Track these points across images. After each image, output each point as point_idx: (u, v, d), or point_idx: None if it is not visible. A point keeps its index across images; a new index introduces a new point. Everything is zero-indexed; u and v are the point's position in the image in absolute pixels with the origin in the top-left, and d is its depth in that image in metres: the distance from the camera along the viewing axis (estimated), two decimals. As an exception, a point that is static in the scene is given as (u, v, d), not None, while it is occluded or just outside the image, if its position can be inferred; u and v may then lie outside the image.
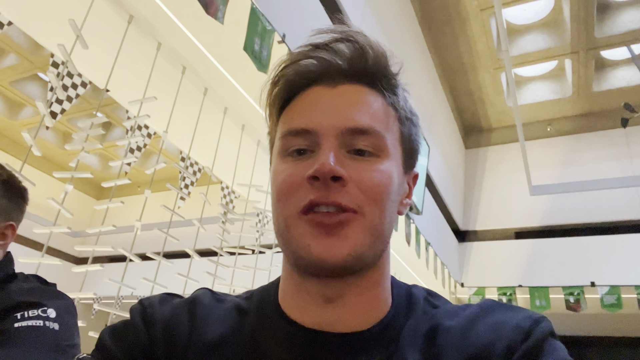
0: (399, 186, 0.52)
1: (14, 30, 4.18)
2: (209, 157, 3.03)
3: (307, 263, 0.47)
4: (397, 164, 0.52)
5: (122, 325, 0.55)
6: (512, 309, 0.51)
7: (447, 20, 4.90)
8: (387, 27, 3.85)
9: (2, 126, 5.92)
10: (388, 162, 0.50)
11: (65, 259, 6.56)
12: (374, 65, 0.53)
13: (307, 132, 0.50)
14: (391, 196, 0.50)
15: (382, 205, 0.49)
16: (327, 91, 0.52)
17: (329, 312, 0.50)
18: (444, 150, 5.49)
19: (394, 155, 0.52)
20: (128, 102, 2.52)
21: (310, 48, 0.53)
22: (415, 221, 4.17)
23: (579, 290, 4.89)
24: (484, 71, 5.52)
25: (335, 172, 0.46)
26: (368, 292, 0.51)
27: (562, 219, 5.50)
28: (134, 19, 2.31)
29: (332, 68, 0.52)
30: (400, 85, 0.57)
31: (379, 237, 0.49)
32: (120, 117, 5.47)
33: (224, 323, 0.54)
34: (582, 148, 5.83)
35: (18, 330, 0.77)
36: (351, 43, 0.53)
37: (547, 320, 0.49)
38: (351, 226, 0.47)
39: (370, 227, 0.48)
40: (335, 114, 0.50)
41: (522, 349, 0.46)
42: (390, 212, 0.50)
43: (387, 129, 0.52)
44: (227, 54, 2.54)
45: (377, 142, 0.50)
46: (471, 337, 0.48)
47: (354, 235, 0.47)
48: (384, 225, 0.49)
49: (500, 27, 3.34)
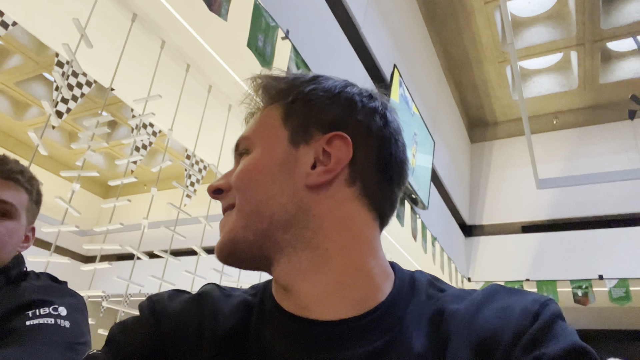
0: (278, 164, 0.54)
1: (19, 30, 4.20)
2: (214, 154, 3.03)
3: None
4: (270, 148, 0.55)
5: (132, 320, 0.55)
6: (518, 293, 0.51)
7: (452, 13, 4.87)
8: (391, 21, 3.83)
9: (9, 126, 5.96)
10: (253, 153, 0.56)
11: (73, 257, 6.60)
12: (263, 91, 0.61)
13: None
14: (255, 177, 0.53)
15: (244, 188, 0.53)
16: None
17: (293, 298, 0.52)
18: (449, 144, 5.47)
19: (263, 143, 0.56)
20: (133, 101, 2.53)
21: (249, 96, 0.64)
22: (422, 216, 4.17)
23: (587, 284, 4.87)
24: (489, 64, 5.49)
25: (212, 187, 0.57)
26: (316, 276, 0.51)
27: (569, 212, 5.47)
28: (137, 18, 2.31)
29: (255, 109, 0.63)
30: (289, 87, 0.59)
31: (250, 215, 0.52)
32: (126, 116, 5.49)
33: (232, 318, 0.54)
34: (589, 141, 5.79)
35: (29, 328, 0.78)
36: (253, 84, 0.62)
37: (555, 302, 0.49)
38: (227, 219, 0.54)
39: (238, 211, 0.53)
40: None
41: (530, 332, 0.45)
42: (262, 190, 0.53)
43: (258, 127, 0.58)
44: (231, 50, 2.54)
45: (246, 143, 0.58)
46: (478, 322, 0.48)
47: (226, 224, 0.54)
48: (252, 204, 0.53)
49: (505, 19, 3.31)
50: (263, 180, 0.53)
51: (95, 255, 2.41)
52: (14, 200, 0.94)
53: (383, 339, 0.49)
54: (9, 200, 0.93)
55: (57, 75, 2.07)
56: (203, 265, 2.81)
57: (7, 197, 0.93)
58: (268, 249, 0.52)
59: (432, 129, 4.64)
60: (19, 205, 0.95)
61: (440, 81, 5.40)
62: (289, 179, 0.53)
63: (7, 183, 0.94)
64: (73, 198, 2.04)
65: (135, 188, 6.96)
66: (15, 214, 0.94)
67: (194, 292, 0.60)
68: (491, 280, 5.46)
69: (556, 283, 4.99)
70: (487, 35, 5.07)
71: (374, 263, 0.53)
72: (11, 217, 0.94)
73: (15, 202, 0.94)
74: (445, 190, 5.20)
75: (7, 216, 0.93)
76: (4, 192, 0.93)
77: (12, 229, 0.94)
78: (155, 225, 2.55)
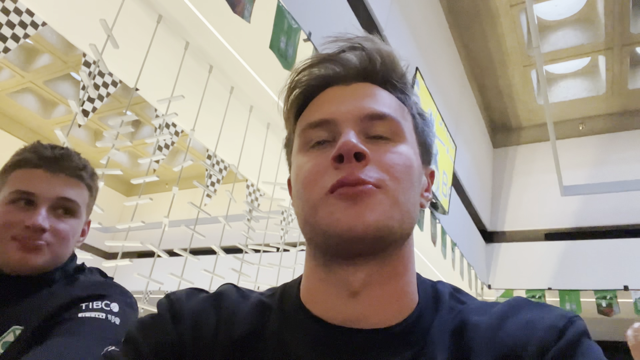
0: (418, 172, 0.53)
1: (48, 30, 4.31)
2: (234, 155, 3.05)
3: (337, 238, 0.47)
4: (414, 151, 0.54)
5: (150, 319, 0.55)
6: (543, 307, 0.49)
7: (476, 16, 4.82)
8: (414, 24, 3.81)
9: (37, 124, 6.11)
10: (406, 146, 0.52)
11: (95, 253, 6.74)
12: (380, 69, 0.56)
13: (326, 122, 0.52)
14: (412, 177, 0.51)
15: (404, 184, 0.50)
16: (342, 89, 0.55)
17: (353, 306, 0.50)
18: (471, 149, 5.40)
19: (410, 142, 0.54)
20: (157, 101, 2.57)
21: (323, 57, 0.56)
22: (441, 221, 4.12)
23: (612, 294, 4.74)
24: (514, 68, 5.40)
25: (357, 148, 0.48)
26: (392, 283, 0.51)
27: (594, 220, 5.34)
28: (162, 19, 2.35)
29: (344, 71, 0.56)
30: (409, 87, 0.58)
31: (405, 214, 0.50)
32: (149, 116, 5.58)
33: (249, 319, 0.54)
34: (616, 147, 5.64)
35: (80, 320, 0.80)
36: (359, 51, 0.55)
37: (581, 319, 0.48)
38: (377, 197, 0.48)
39: (394, 201, 0.49)
40: (352, 104, 0.53)
41: (555, 349, 0.44)
42: (412, 194, 0.51)
43: (402, 117, 0.54)
44: (254, 52, 2.56)
45: (394, 127, 0.52)
46: (501, 336, 0.47)
47: (380, 206, 0.48)
48: (408, 204, 0.50)
49: (531, 22, 3.26)
50: (414, 184, 0.52)
51: (116, 252, 2.45)
52: (78, 198, 0.95)
53: (409, 351, 0.48)
54: (73, 199, 0.94)
55: (84, 75, 2.12)
56: (221, 265, 2.83)
57: (72, 195, 0.93)
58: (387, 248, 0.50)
59: (454, 133, 4.59)
60: (81, 202, 0.96)
61: (463, 85, 5.34)
62: (418, 192, 0.54)
63: (71, 180, 0.94)
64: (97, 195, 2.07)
65: (157, 187, 7.07)
66: (78, 211, 0.95)
67: (211, 291, 0.60)
68: (512, 288, 5.36)
69: (579, 293, 4.87)
70: (512, 38, 4.99)
71: None
72: (74, 214, 0.95)
73: (79, 200, 0.95)
74: (467, 195, 5.13)
75: (71, 214, 0.94)
76: (69, 190, 0.93)
77: (75, 226, 0.95)
78: (175, 224, 2.58)
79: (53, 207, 0.91)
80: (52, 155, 0.93)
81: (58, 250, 0.91)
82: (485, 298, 5.59)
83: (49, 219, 0.90)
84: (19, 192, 0.89)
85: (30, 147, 0.95)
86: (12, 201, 0.89)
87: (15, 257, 0.86)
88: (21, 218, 0.87)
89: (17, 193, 0.89)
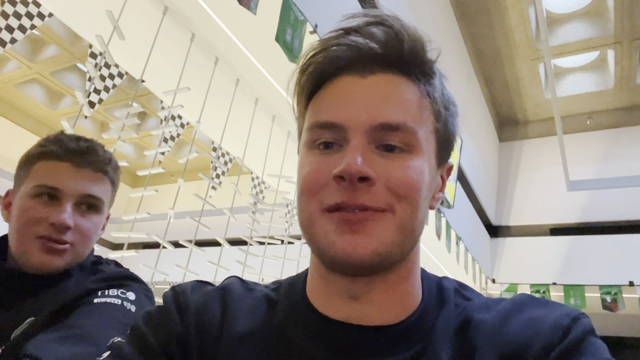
0: (430, 182, 0.51)
1: (55, 21, 4.31)
2: (240, 147, 3.05)
3: (332, 260, 0.47)
4: (429, 159, 0.50)
5: (155, 311, 0.56)
6: (548, 305, 0.49)
7: (484, 8, 4.77)
8: (421, 16, 3.78)
9: (43, 115, 6.14)
10: (419, 159, 0.48)
11: (101, 244, 6.78)
12: (409, 52, 0.50)
13: (335, 126, 0.48)
14: (422, 193, 0.48)
15: (413, 203, 0.47)
16: (358, 82, 0.50)
17: (355, 307, 0.50)
18: (477, 143, 5.37)
19: (426, 151, 0.50)
20: (162, 93, 2.57)
21: (341, 33, 0.51)
22: (446, 215, 4.11)
23: (617, 290, 4.72)
24: (521, 62, 5.35)
25: (362, 173, 0.45)
26: (395, 289, 0.50)
27: (600, 215, 5.31)
28: (168, 10, 2.34)
29: (364, 54, 0.50)
30: (437, 74, 0.54)
31: (409, 234, 0.48)
32: (155, 107, 5.58)
33: (254, 313, 0.54)
34: (624, 142, 5.60)
35: (96, 304, 0.80)
36: (385, 27, 0.50)
37: (586, 317, 0.47)
38: (378, 223, 0.46)
39: (400, 225, 0.47)
40: (365, 108, 0.48)
41: (561, 347, 0.44)
42: (422, 209, 0.49)
43: (420, 123, 0.49)
44: (259, 44, 2.55)
45: (409, 138, 0.48)
46: (506, 334, 0.47)
47: (381, 233, 0.46)
48: (415, 223, 0.48)
49: (540, 15, 3.22)
50: (424, 199, 0.49)
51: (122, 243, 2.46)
52: (102, 194, 0.93)
53: (413, 349, 0.48)
54: (98, 195, 0.91)
55: (90, 66, 2.12)
56: (226, 257, 2.84)
57: (96, 191, 0.91)
58: (390, 266, 0.49)
59: (460, 126, 4.55)
60: (105, 198, 0.94)
61: (470, 78, 5.30)
62: (429, 200, 0.52)
63: (97, 176, 0.92)
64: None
65: (163, 178, 7.09)
66: (102, 207, 0.93)
67: (217, 282, 0.60)
68: (516, 283, 5.36)
69: (584, 288, 4.86)
70: (520, 31, 4.95)
71: None
72: (97, 211, 0.93)
73: (103, 196, 0.93)
74: (472, 189, 5.11)
75: (95, 210, 0.92)
76: (94, 186, 0.91)
77: (98, 223, 0.93)
78: (180, 216, 2.58)
79: (77, 203, 0.89)
80: (77, 148, 0.91)
81: (80, 250, 0.90)
82: (489, 292, 5.59)
83: (74, 216, 0.87)
84: (44, 186, 0.87)
85: (55, 139, 0.92)
86: (36, 195, 0.87)
87: (38, 259, 0.84)
88: (45, 214, 0.85)
89: (41, 187, 0.87)
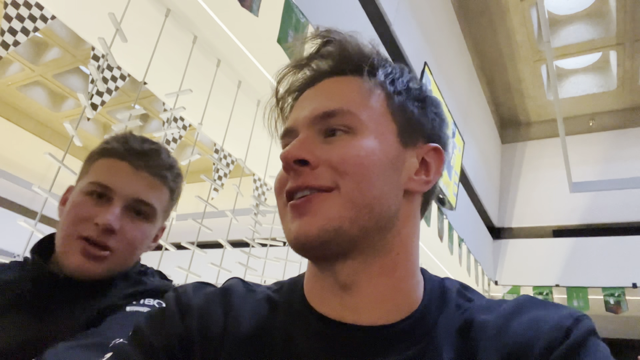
0: (390, 160, 0.52)
1: (57, 24, 4.32)
2: (242, 149, 3.06)
3: (293, 247, 0.50)
4: (382, 139, 0.52)
5: (157, 312, 0.56)
6: (550, 306, 0.49)
7: (485, 10, 4.77)
8: (423, 18, 3.78)
9: (46, 117, 6.16)
10: (365, 139, 0.51)
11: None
12: (345, 56, 0.56)
13: (289, 131, 0.55)
14: (373, 169, 0.50)
15: (360, 178, 0.49)
16: (310, 91, 0.57)
17: (347, 300, 0.50)
18: (479, 144, 5.37)
19: (375, 130, 0.52)
20: (165, 95, 2.57)
21: (296, 65, 0.58)
22: (448, 217, 4.10)
23: (620, 292, 4.71)
24: (524, 63, 5.35)
25: (294, 155, 0.49)
26: (382, 279, 0.51)
27: (603, 217, 5.29)
28: (171, 13, 2.35)
29: (313, 71, 0.58)
30: (380, 65, 0.57)
31: (362, 210, 0.49)
32: (157, 110, 5.59)
33: (256, 314, 0.54)
34: (626, 144, 5.59)
35: (127, 312, 0.76)
36: (324, 43, 0.57)
37: (588, 318, 0.47)
38: (323, 202, 0.48)
39: (348, 200, 0.48)
40: (309, 107, 0.54)
41: (562, 348, 0.44)
42: (378, 186, 0.50)
43: (361, 106, 0.52)
44: (261, 46, 2.55)
45: (348, 120, 0.51)
46: (508, 335, 0.47)
47: (326, 210, 0.48)
48: (368, 199, 0.49)
49: (542, 17, 3.22)
50: (379, 175, 0.50)
51: (124, 245, 2.46)
52: (156, 202, 0.86)
53: (414, 348, 0.48)
54: (151, 203, 0.85)
55: (93, 69, 2.12)
56: (228, 258, 2.84)
57: (150, 198, 0.85)
58: (355, 246, 0.50)
59: (462, 128, 4.56)
60: (159, 207, 0.87)
61: (472, 79, 5.30)
62: (396, 180, 0.52)
63: (153, 181, 0.86)
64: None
65: (165, 180, 7.10)
66: (154, 216, 0.87)
67: (219, 284, 0.60)
68: (519, 285, 5.34)
69: (587, 290, 4.84)
70: (522, 33, 4.94)
71: (418, 271, 0.55)
72: (149, 219, 0.86)
73: (156, 204, 0.86)
74: (474, 191, 5.10)
75: (145, 218, 0.86)
76: (149, 192, 0.85)
77: (147, 232, 0.87)
78: (183, 218, 2.59)
79: (127, 207, 0.83)
80: (139, 149, 0.86)
81: (122, 258, 0.84)
82: (492, 294, 5.58)
83: (121, 220, 0.82)
84: (97, 184, 0.83)
85: (120, 137, 0.89)
86: (88, 192, 0.83)
87: (75, 262, 0.79)
88: (92, 213, 0.81)
89: (95, 184, 0.83)
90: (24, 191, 5.67)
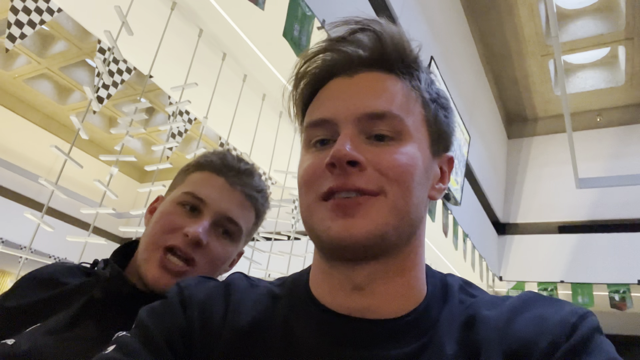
0: (425, 169, 0.52)
1: (64, 17, 4.33)
2: (247, 143, 3.06)
3: (329, 245, 0.49)
4: (421, 147, 0.52)
5: (160, 305, 0.56)
6: (554, 303, 0.49)
7: (493, 4, 4.73)
8: (430, 12, 3.75)
9: (52, 110, 6.18)
10: (410, 145, 0.51)
11: (109, 238, 6.83)
12: (391, 52, 0.54)
13: (326, 122, 0.52)
14: (415, 177, 0.50)
15: (406, 186, 0.49)
16: (345, 81, 0.54)
17: (358, 300, 0.50)
18: (485, 139, 5.34)
19: (416, 138, 0.52)
20: (170, 88, 2.58)
21: (330, 43, 0.55)
22: (453, 212, 4.10)
23: (625, 288, 4.69)
24: (531, 58, 5.31)
25: (350, 156, 0.47)
26: (397, 279, 0.51)
27: (609, 213, 5.26)
28: (176, 6, 2.35)
29: (350, 59, 0.54)
30: (421, 69, 0.56)
31: (403, 218, 0.49)
32: (163, 103, 5.60)
33: (258, 308, 0.55)
34: (634, 140, 5.54)
35: None
36: (368, 32, 0.54)
37: (593, 315, 0.47)
38: (372, 206, 0.48)
39: (393, 207, 0.48)
40: (352, 102, 0.51)
41: (567, 345, 0.44)
42: (416, 195, 0.50)
43: (407, 111, 0.52)
44: (267, 40, 2.54)
45: (396, 125, 0.50)
46: (512, 331, 0.47)
47: (375, 215, 0.47)
48: (409, 207, 0.49)
49: (550, 11, 3.19)
50: (417, 184, 0.51)
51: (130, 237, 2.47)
52: (243, 223, 0.85)
53: (416, 343, 0.49)
54: (238, 222, 0.84)
55: (99, 62, 2.13)
56: (233, 252, 2.84)
57: (239, 217, 0.84)
58: (387, 251, 0.50)
59: (468, 123, 4.54)
60: (245, 228, 0.86)
61: (479, 74, 5.27)
62: (426, 188, 0.53)
63: (244, 201, 0.85)
64: (111, 181, 2.10)
65: (170, 174, 7.06)
66: (239, 237, 0.86)
67: (222, 278, 0.61)
68: (524, 281, 5.33)
69: (592, 286, 4.83)
70: (529, 27, 4.90)
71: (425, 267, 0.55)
72: (233, 239, 0.85)
73: (243, 225, 0.85)
74: (479, 186, 5.09)
75: (230, 237, 0.84)
76: (239, 211, 0.84)
77: (230, 252, 0.85)
78: (188, 211, 2.59)
79: (216, 223, 0.82)
80: (236, 167, 0.86)
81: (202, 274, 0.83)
82: (496, 290, 5.57)
83: (209, 235, 0.80)
84: (191, 194, 0.82)
85: (219, 152, 0.89)
86: (181, 202, 0.82)
87: (152, 271, 0.77)
88: (182, 224, 0.79)
89: (189, 195, 0.82)
90: (30, 183, 5.71)
